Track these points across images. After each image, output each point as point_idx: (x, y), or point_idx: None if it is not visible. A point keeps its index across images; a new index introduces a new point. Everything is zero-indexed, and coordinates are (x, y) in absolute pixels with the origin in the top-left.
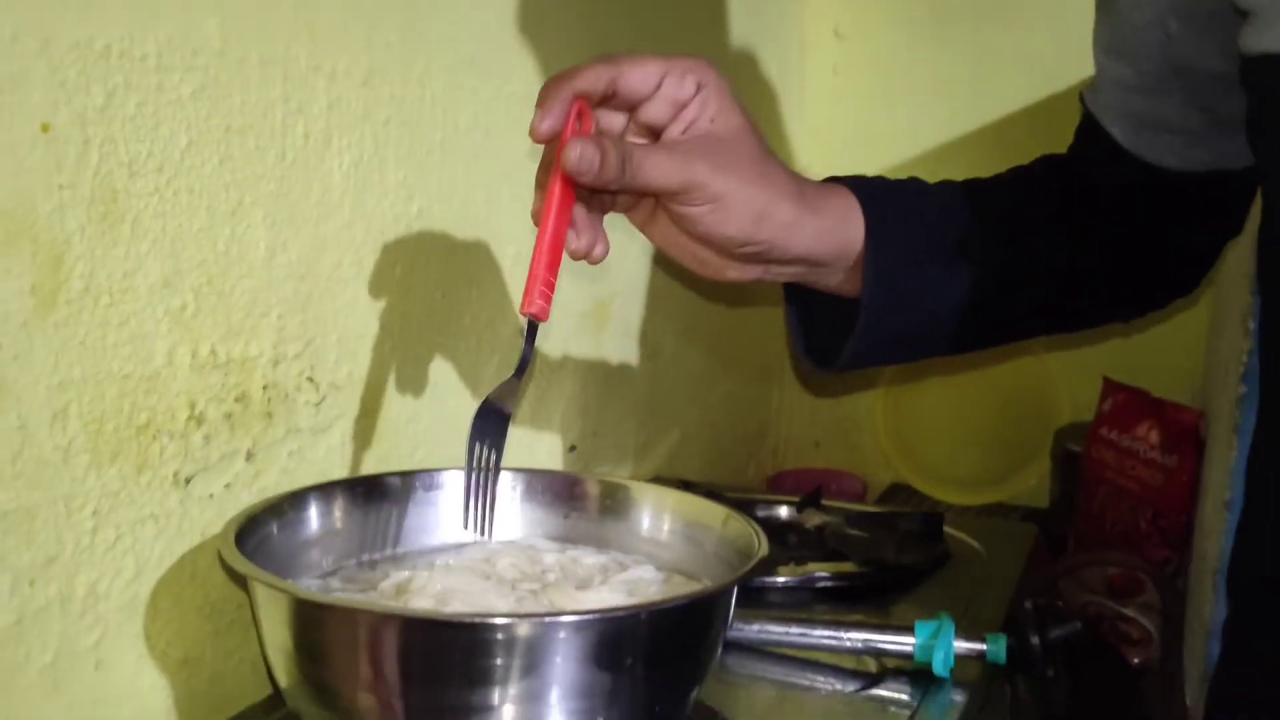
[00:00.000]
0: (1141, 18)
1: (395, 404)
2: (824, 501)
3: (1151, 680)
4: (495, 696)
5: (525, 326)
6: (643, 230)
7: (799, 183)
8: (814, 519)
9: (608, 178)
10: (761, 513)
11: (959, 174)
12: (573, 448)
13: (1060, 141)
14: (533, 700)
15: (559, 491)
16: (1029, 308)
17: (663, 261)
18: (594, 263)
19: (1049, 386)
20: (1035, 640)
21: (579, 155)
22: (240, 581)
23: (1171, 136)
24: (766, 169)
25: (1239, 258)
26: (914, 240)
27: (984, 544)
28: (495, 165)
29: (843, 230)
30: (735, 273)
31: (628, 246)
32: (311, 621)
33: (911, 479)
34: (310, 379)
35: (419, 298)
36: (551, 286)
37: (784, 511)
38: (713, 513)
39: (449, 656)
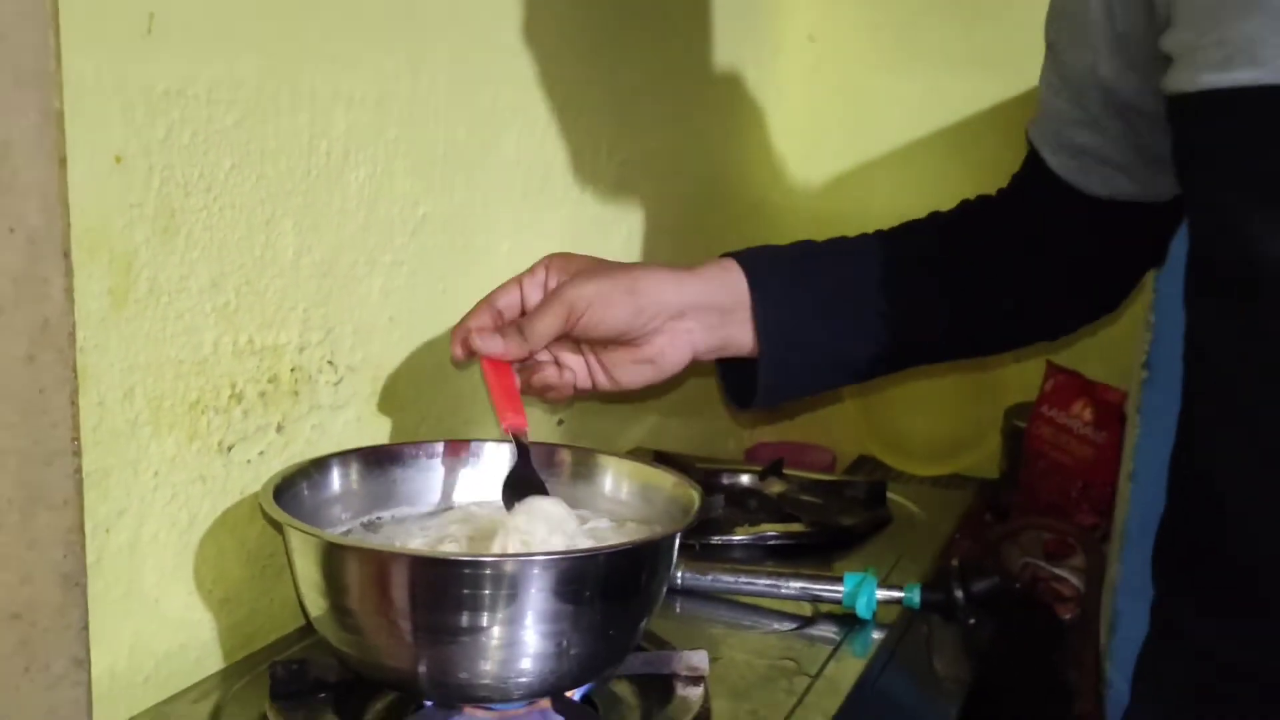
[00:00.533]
0: (1079, 59)
1: (403, 384)
2: (785, 471)
3: (1076, 632)
4: (484, 620)
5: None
6: (601, 386)
7: (669, 265)
8: (774, 486)
9: (515, 351)
10: (727, 480)
11: (927, 171)
12: (560, 421)
13: (1023, 142)
14: (512, 624)
15: (541, 459)
16: (945, 339)
17: (646, 253)
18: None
19: (1001, 368)
20: (959, 592)
21: (488, 345)
22: (277, 529)
23: (1105, 168)
24: (624, 266)
25: None
26: (800, 294)
27: (924, 509)
28: (490, 171)
29: (723, 284)
30: (670, 358)
31: (610, 239)
32: (337, 561)
33: (877, 451)
34: (330, 362)
35: (423, 291)
36: (518, 404)
37: (746, 479)
38: (661, 477)
39: (447, 588)
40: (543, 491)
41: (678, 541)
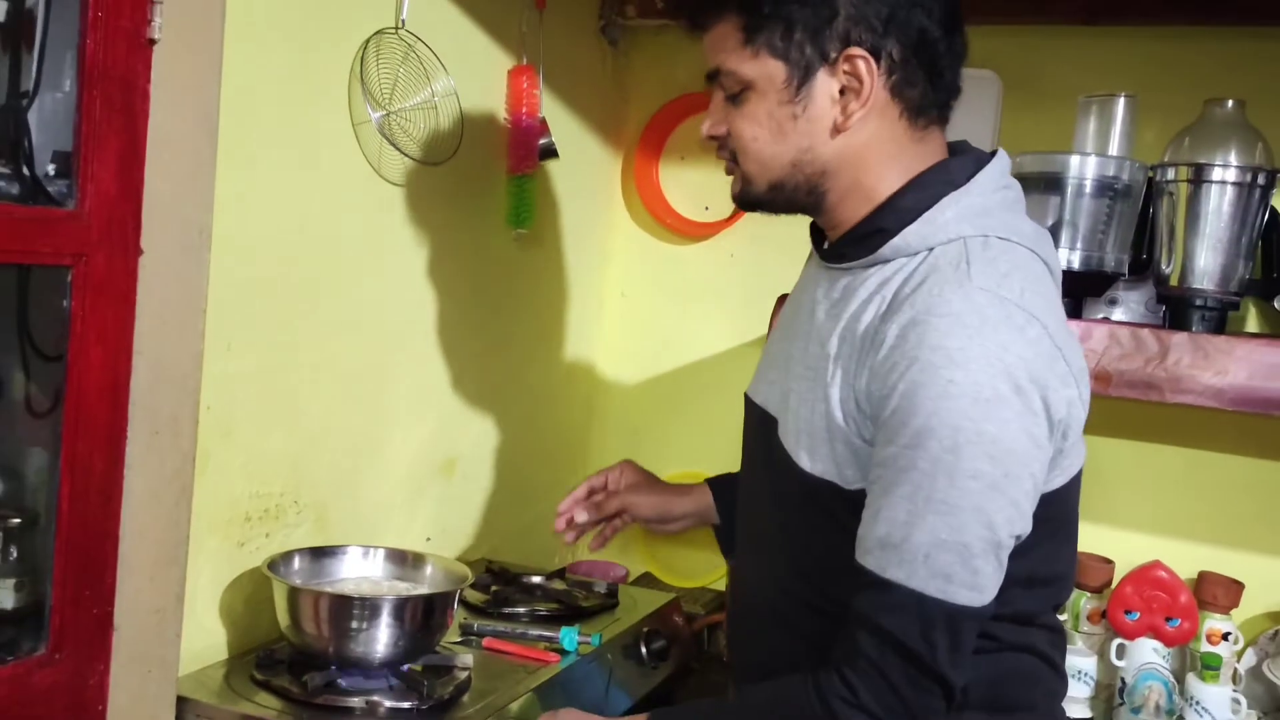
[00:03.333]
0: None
1: (332, 514)
2: (567, 575)
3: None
4: (361, 624)
5: None
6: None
7: (679, 487)
8: (556, 584)
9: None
10: (526, 579)
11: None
12: (429, 539)
13: None
14: (373, 626)
15: (401, 558)
16: None
17: (500, 437)
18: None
19: None
20: (643, 646)
21: (578, 516)
22: (267, 583)
23: None
24: (658, 487)
25: None
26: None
27: (642, 600)
28: (389, 398)
29: (704, 500)
30: (675, 528)
31: (469, 424)
32: (293, 595)
33: (654, 570)
34: (295, 502)
35: (344, 469)
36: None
37: (538, 579)
38: (461, 570)
39: (341, 609)
40: None
41: (457, 593)
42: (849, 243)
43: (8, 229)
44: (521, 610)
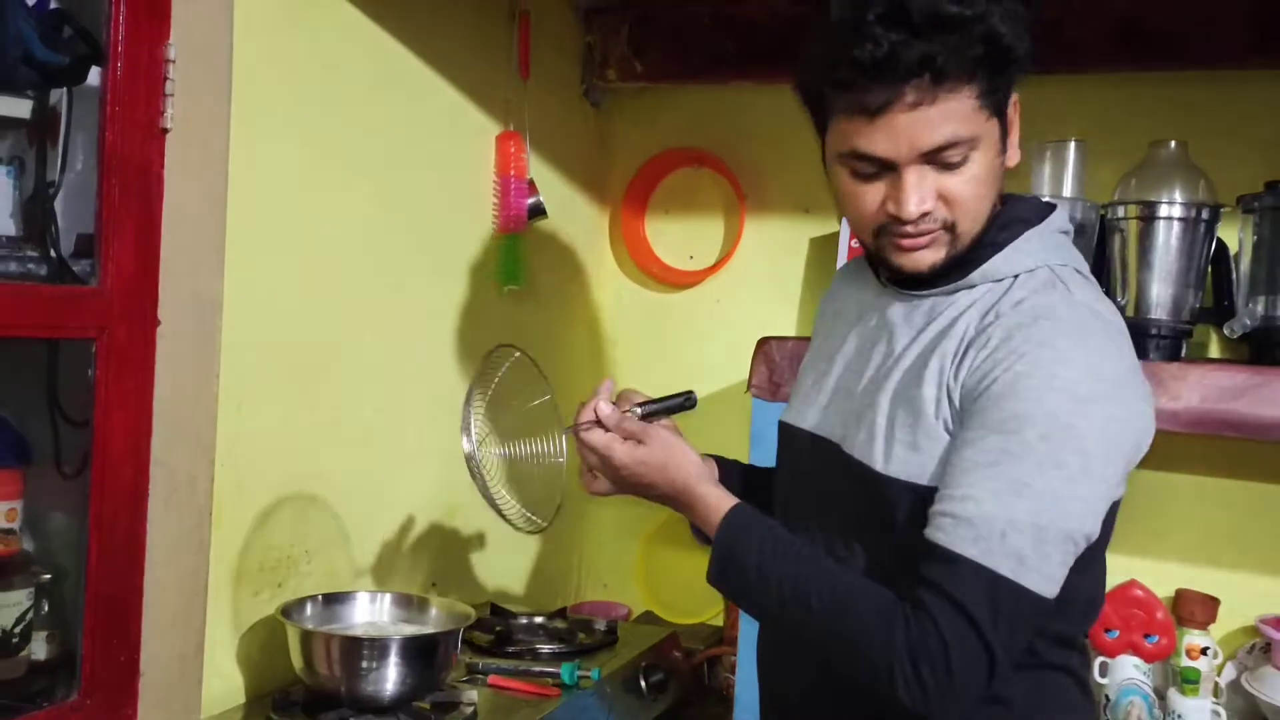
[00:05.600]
0: None
1: (340, 564)
2: (568, 614)
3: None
4: (370, 664)
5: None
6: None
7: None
8: (558, 623)
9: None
10: (525, 620)
11: None
12: (434, 584)
13: None
14: (381, 666)
15: (408, 601)
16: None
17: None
18: None
19: None
20: (641, 680)
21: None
22: (283, 628)
23: None
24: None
25: None
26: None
27: (640, 635)
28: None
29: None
30: None
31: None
32: (306, 638)
33: (655, 608)
34: (305, 552)
35: (351, 532)
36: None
37: (541, 619)
38: (464, 610)
39: (352, 650)
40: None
41: (460, 632)
42: (937, 272)
43: (37, 307)
44: (524, 649)
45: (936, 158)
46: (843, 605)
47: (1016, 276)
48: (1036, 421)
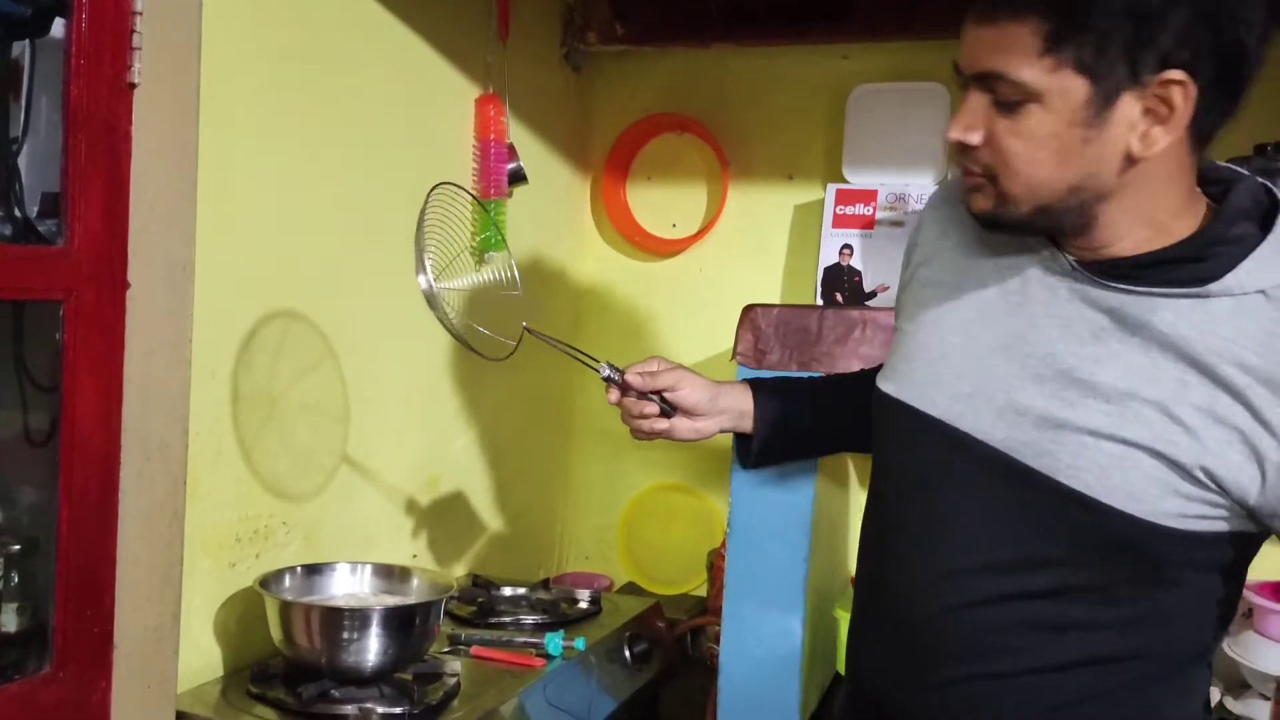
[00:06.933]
0: None
1: (321, 536)
2: (551, 586)
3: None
4: (352, 635)
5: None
6: (663, 435)
7: (719, 383)
8: (541, 594)
9: (639, 385)
10: (509, 591)
11: None
12: (414, 555)
13: None
14: (363, 640)
15: (389, 572)
16: (848, 436)
17: (481, 454)
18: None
19: (711, 523)
20: (626, 650)
21: (631, 378)
22: (259, 601)
23: None
24: (705, 381)
25: None
26: (776, 408)
27: (624, 606)
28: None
29: (744, 396)
30: (710, 426)
31: (452, 442)
32: (285, 610)
33: (637, 579)
34: (283, 523)
35: (331, 495)
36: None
37: (524, 590)
38: (447, 580)
39: (332, 621)
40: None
41: (443, 602)
42: (1149, 266)
43: (1, 268)
44: (507, 620)
45: (992, 89)
46: None
47: (1264, 293)
48: None
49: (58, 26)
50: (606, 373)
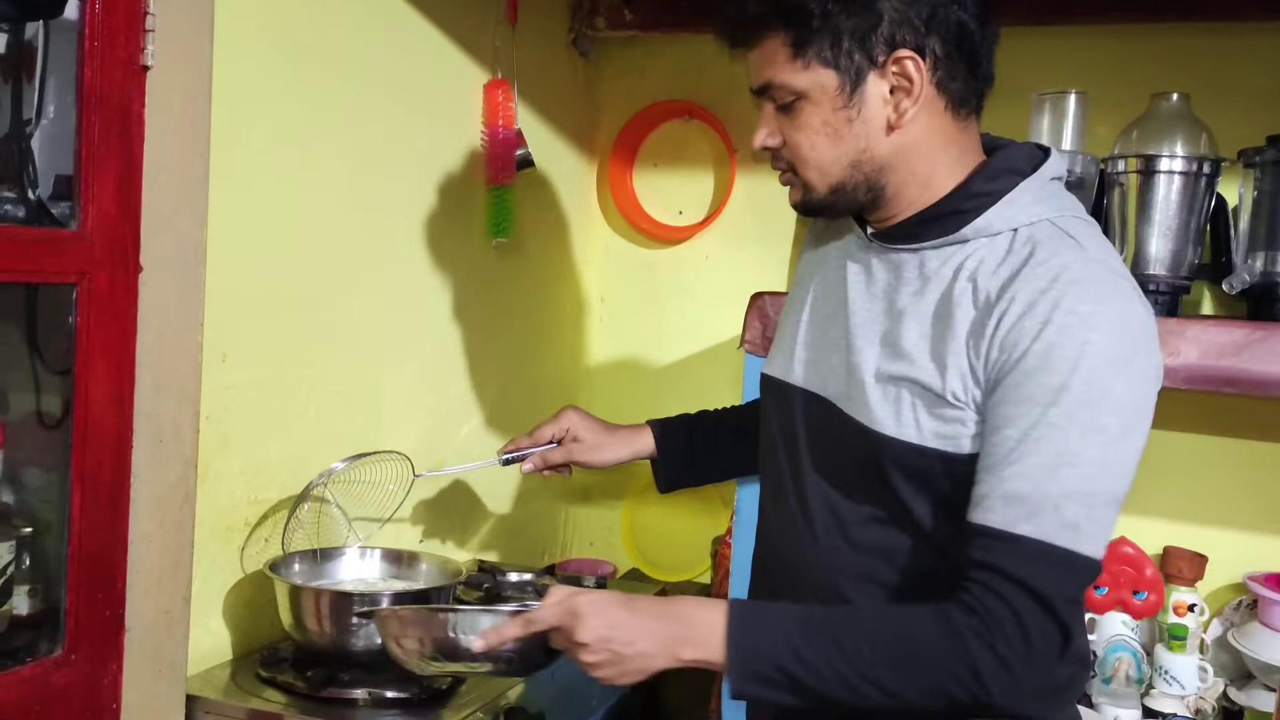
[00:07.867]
0: None
1: (329, 521)
2: (556, 572)
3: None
4: (355, 620)
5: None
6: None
7: (620, 432)
8: (546, 580)
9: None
10: (514, 577)
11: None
12: (420, 540)
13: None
14: (372, 625)
15: (397, 557)
16: (735, 467)
17: (486, 440)
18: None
19: (715, 510)
20: None
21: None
22: (268, 585)
23: None
24: (608, 426)
25: None
26: (677, 443)
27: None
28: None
29: (645, 443)
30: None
31: (458, 428)
32: (295, 594)
33: (641, 566)
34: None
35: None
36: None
37: (529, 576)
38: (455, 565)
39: (342, 606)
40: None
41: (453, 587)
42: (919, 224)
43: (15, 251)
44: (514, 605)
45: (773, 96)
46: (898, 645)
47: (1015, 230)
48: (1075, 391)
49: (71, 8)
50: (507, 459)
